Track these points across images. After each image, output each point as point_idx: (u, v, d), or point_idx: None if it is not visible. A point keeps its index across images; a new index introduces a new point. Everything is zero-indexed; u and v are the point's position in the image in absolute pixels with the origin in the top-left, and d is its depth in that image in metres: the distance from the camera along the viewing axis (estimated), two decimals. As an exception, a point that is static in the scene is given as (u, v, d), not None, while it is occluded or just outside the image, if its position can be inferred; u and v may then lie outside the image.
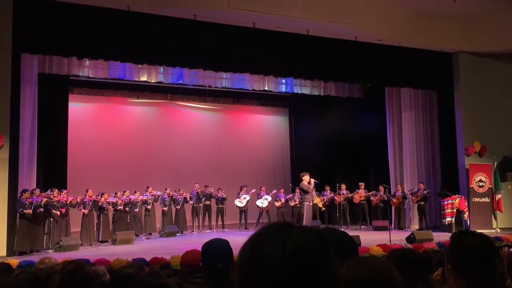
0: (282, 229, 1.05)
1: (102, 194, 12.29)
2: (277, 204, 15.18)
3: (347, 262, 1.44)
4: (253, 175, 17.14)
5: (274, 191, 15.30)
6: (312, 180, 11.86)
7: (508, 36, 13.20)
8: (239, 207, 15.10)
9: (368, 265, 1.44)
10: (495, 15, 12.83)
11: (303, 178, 11.82)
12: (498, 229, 13.13)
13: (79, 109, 14.92)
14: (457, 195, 13.18)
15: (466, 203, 13.09)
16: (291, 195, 15.16)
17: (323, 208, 14.86)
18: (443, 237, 10.42)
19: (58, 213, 11.18)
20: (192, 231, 14.32)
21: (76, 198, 11.80)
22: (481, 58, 14.09)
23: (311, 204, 12.29)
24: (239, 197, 15.12)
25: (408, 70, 13.58)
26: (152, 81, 14.26)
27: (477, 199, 13.54)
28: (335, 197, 14.70)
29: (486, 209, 13.54)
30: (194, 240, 11.54)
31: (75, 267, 2.02)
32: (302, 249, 1.01)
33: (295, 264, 1.00)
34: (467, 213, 13.02)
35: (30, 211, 10.29)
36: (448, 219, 12.98)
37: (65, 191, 11.65)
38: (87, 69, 13.28)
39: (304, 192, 11.88)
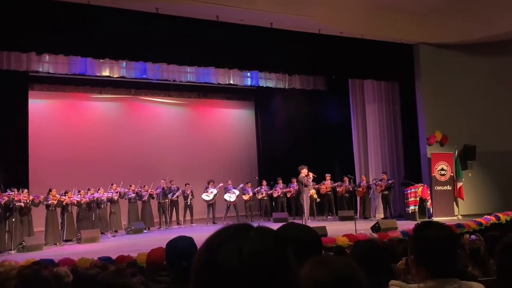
0: (239, 233, 1.00)
1: (66, 192, 12.03)
2: (245, 197, 15.21)
3: (310, 262, 1.42)
4: (220, 169, 17.08)
5: (242, 185, 15.32)
6: (311, 174, 11.93)
7: (468, 27, 13.49)
8: (206, 201, 15.03)
9: (332, 266, 1.42)
10: (455, 8, 13.09)
11: (301, 172, 11.84)
12: (459, 216, 13.46)
13: (40, 106, 14.55)
14: (420, 184, 13.47)
15: (429, 192, 13.38)
16: (258, 188, 15.26)
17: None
18: (407, 225, 10.62)
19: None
20: (159, 227, 14.20)
21: (39, 197, 11.51)
22: (442, 50, 14.35)
23: (309, 195, 12.49)
24: (207, 191, 15.06)
25: (371, 62, 13.71)
26: (115, 76, 13.96)
27: (439, 188, 13.84)
28: (302, 189, 14.82)
29: (448, 197, 13.86)
30: (161, 236, 11.43)
31: (30, 272, 1.96)
32: (260, 254, 0.96)
33: (252, 271, 0.94)
34: (430, 201, 13.32)
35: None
36: (412, 207, 13.24)
37: (25, 190, 11.34)
38: (47, 64, 12.89)
39: (303, 185, 11.91)
